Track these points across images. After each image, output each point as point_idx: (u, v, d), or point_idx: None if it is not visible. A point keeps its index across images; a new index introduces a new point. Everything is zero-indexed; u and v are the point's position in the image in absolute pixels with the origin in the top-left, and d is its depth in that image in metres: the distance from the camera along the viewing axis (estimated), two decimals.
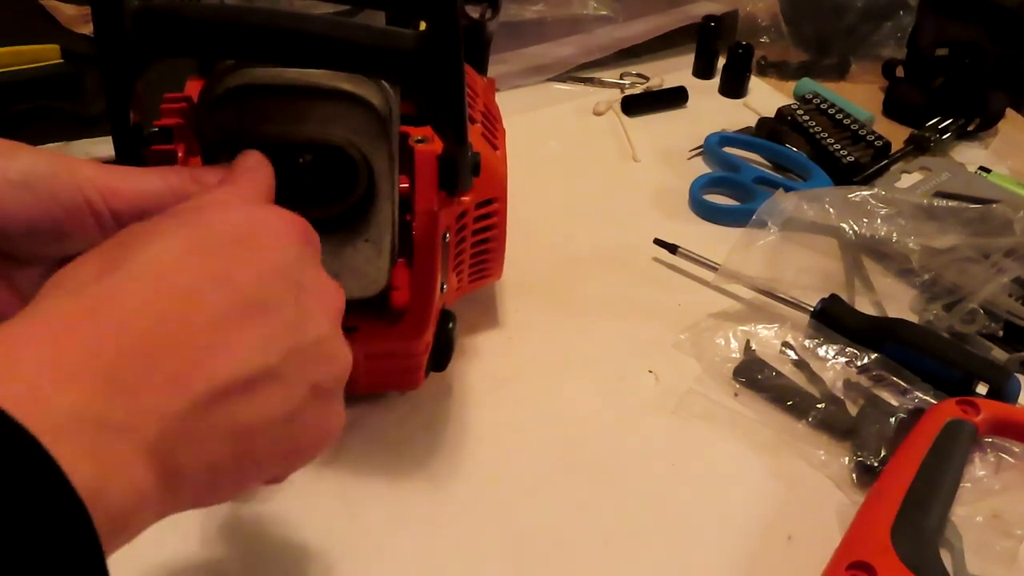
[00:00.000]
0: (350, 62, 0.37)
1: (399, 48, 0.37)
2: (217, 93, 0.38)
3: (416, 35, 0.37)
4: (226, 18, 0.36)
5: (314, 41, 0.36)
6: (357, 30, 0.37)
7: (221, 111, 0.38)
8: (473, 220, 0.52)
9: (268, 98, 0.38)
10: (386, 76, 0.40)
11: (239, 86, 0.38)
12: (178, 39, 0.36)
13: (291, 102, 0.38)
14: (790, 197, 0.67)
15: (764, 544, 0.47)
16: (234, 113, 0.38)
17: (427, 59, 0.37)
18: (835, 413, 0.54)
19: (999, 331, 0.60)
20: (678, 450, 0.53)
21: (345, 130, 0.39)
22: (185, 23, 0.36)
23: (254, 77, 0.38)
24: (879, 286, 0.65)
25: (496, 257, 0.56)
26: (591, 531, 0.48)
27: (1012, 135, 0.85)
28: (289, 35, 0.36)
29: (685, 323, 0.61)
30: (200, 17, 0.36)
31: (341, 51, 0.36)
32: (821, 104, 0.84)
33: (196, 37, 0.36)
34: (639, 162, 0.80)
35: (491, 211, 0.53)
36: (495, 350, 0.58)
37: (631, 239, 0.68)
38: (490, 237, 0.54)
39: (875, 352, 0.57)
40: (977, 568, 0.45)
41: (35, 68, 0.80)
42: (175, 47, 0.37)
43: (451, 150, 0.42)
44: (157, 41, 0.36)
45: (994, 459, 0.51)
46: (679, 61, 0.94)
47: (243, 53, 0.37)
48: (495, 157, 0.53)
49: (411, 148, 0.44)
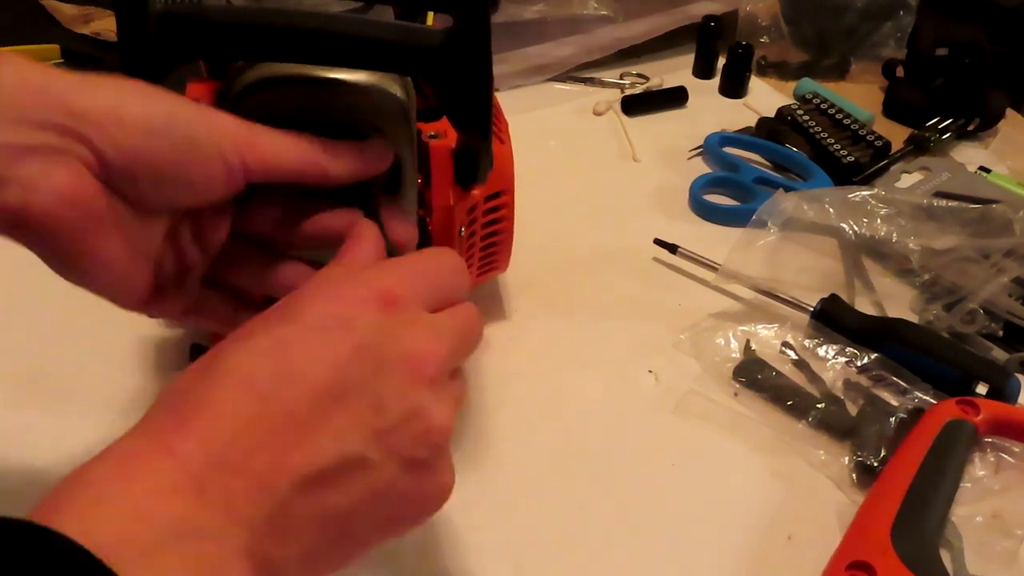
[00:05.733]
0: (377, 61, 0.37)
1: (426, 45, 0.36)
2: (241, 86, 0.38)
3: (442, 31, 0.36)
4: (251, 20, 0.36)
5: (341, 41, 0.36)
6: (382, 28, 0.36)
7: (244, 104, 0.38)
8: (483, 213, 0.52)
9: (291, 89, 0.38)
10: (413, 74, 0.40)
11: (263, 78, 0.38)
12: (204, 41, 0.36)
13: (314, 92, 0.38)
14: (790, 197, 0.67)
15: (764, 544, 0.47)
16: (258, 105, 0.38)
17: (455, 56, 0.36)
18: (835, 413, 0.54)
19: (999, 331, 0.60)
20: (678, 450, 0.53)
21: (369, 118, 0.39)
22: (211, 26, 0.36)
23: (277, 69, 0.38)
24: (879, 286, 0.65)
25: (504, 249, 0.56)
26: (591, 531, 0.48)
27: (1012, 135, 0.85)
28: (315, 35, 0.36)
29: (685, 323, 0.61)
30: (225, 20, 0.36)
31: (368, 50, 0.36)
32: (821, 104, 0.84)
33: (222, 39, 0.36)
34: (639, 162, 0.80)
35: (500, 204, 0.53)
36: (495, 350, 0.58)
37: (631, 239, 0.68)
38: (499, 230, 0.54)
39: (875, 352, 0.57)
40: (977, 568, 0.45)
41: None
42: (201, 49, 0.37)
43: (473, 145, 0.41)
44: (183, 44, 0.36)
45: (994, 459, 0.51)
46: (679, 61, 0.94)
47: (269, 54, 0.38)
48: (503, 150, 0.53)
49: (425, 144, 0.44)
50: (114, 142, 0.32)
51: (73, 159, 0.31)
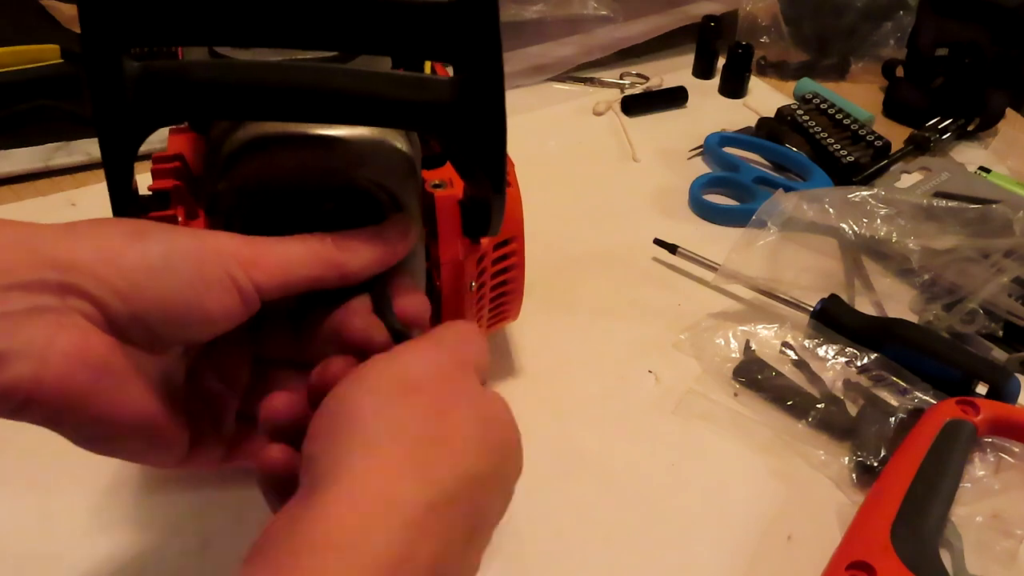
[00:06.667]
0: (382, 117, 0.34)
1: (436, 100, 0.33)
2: (234, 146, 0.35)
3: (450, 83, 0.33)
4: (241, 78, 0.33)
5: (341, 99, 0.33)
6: (386, 82, 0.33)
7: (239, 166, 0.35)
8: (491, 263, 0.49)
9: (289, 149, 0.35)
10: (422, 130, 0.37)
11: (257, 137, 0.35)
12: (188, 102, 0.33)
13: (314, 151, 0.35)
14: (790, 197, 0.67)
15: (764, 544, 0.47)
16: (253, 167, 0.35)
17: (468, 110, 0.33)
18: (835, 413, 0.54)
19: (999, 331, 0.60)
20: (678, 450, 0.53)
21: (372, 174, 0.36)
22: (195, 86, 0.32)
23: (270, 128, 0.35)
24: (879, 286, 0.65)
25: (515, 298, 0.53)
26: (591, 531, 0.48)
27: (1012, 135, 0.85)
28: (313, 94, 0.32)
29: (685, 323, 0.61)
30: (212, 78, 0.32)
31: (371, 107, 0.33)
32: (821, 104, 0.84)
33: (209, 99, 0.33)
34: (639, 162, 0.80)
35: (509, 251, 0.50)
36: (494, 350, 0.58)
37: (631, 239, 0.68)
38: (509, 279, 0.51)
39: (875, 352, 0.57)
40: (977, 568, 0.45)
41: (35, 68, 0.80)
42: (185, 111, 0.34)
43: (484, 197, 0.38)
44: (164, 106, 0.33)
45: (994, 459, 0.51)
46: (679, 61, 0.94)
47: (262, 114, 0.34)
48: (511, 193, 0.49)
49: (429, 194, 0.41)
50: (115, 290, 0.29)
51: (76, 317, 0.29)
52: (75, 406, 0.29)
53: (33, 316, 0.28)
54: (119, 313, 0.30)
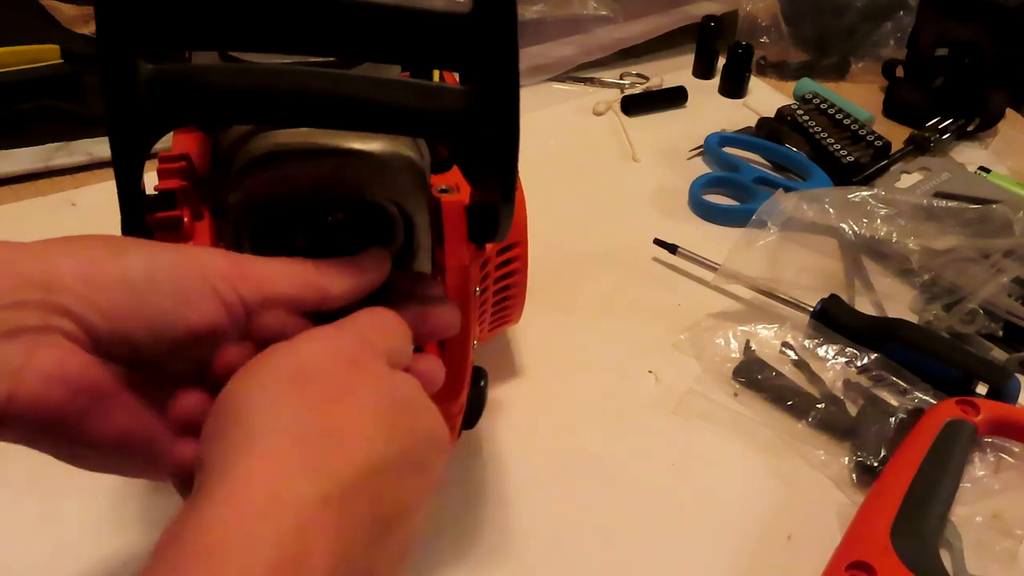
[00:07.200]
0: (395, 125, 0.34)
1: (450, 109, 0.33)
2: (246, 159, 0.35)
3: (464, 92, 0.33)
4: (254, 83, 0.32)
5: (353, 106, 0.32)
6: (399, 90, 0.33)
7: (251, 179, 0.35)
8: (495, 267, 0.49)
9: (303, 163, 0.35)
10: (434, 138, 0.37)
11: (270, 151, 0.35)
12: (200, 106, 0.33)
13: (326, 165, 0.35)
14: (790, 197, 0.67)
15: (764, 544, 0.47)
16: (265, 180, 0.35)
17: (482, 120, 0.33)
18: (835, 413, 0.54)
19: (999, 331, 0.60)
20: (678, 450, 0.53)
21: (385, 188, 0.36)
22: (207, 90, 0.32)
23: (285, 142, 0.35)
24: (879, 286, 0.65)
25: (517, 303, 0.53)
26: (591, 531, 0.48)
27: (1012, 135, 0.85)
28: (326, 100, 0.32)
29: (685, 323, 0.61)
30: (224, 83, 0.32)
31: (385, 115, 0.33)
32: (821, 104, 0.84)
33: (221, 104, 0.33)
34: (639, 162, 0.80)
35: (513, 256, 0.50)
36: (494, 350, 0.58)
37: (631, 239, 0.68)
38: (512, 283, 0.51)
39: (875, 352, 0.57)
40: (977, 568, 0.45)
41: (35, 68, 0.80)
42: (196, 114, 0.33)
43: (492, 204, 0.38)
44: (176, 109, 0.32)
45: (994, 459, 0.51)
46: (679, 61, 0.94)
47: (275, 120, 0.34)
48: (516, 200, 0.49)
49: (436, 199, 0.41)
50: (96, 308, 0.29)
51: (56, 336, 0.29)
52: (51, 425, 0.29)
53: (11, 336, 0.28)
54: (101, 331, 0.29)
